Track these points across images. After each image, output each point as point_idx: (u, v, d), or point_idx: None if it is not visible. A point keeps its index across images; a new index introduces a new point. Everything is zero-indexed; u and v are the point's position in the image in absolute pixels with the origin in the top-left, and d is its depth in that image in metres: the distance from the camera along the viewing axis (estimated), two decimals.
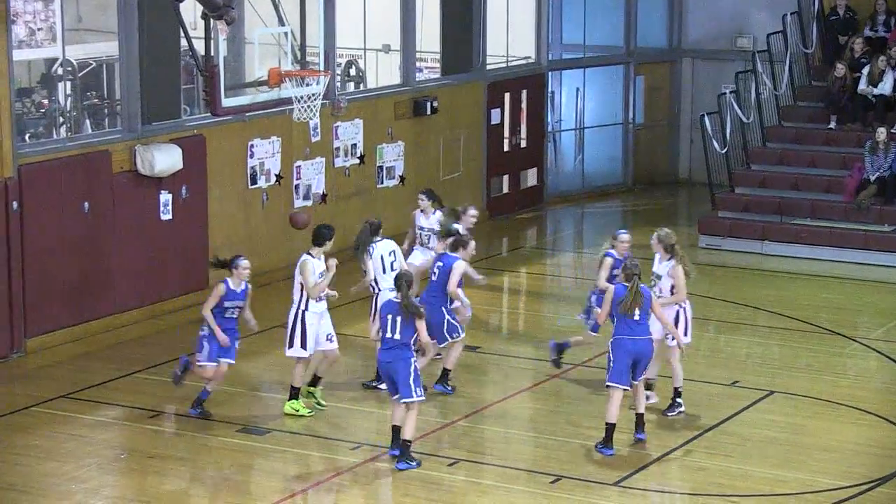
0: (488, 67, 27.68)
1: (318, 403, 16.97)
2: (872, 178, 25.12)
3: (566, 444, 16.02)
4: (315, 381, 17.05)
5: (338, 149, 24.00)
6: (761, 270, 24.16)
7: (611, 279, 17.05)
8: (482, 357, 19.27)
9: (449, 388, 17.55)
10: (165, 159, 20.43)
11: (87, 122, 21.16)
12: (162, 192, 20.73)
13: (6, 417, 16.81)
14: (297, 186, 23.23)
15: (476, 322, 20.62)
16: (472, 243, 17.66)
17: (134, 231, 20.38)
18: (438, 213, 19.71)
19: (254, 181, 22.43)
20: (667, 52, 31.23)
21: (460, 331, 17.47)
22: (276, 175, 22.77)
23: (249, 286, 16.68)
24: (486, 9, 27.11)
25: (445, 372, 17.62)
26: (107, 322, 20.02)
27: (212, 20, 19.07)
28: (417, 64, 26.07)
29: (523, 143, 28.70)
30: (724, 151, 26.71)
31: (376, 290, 17.37)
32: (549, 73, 29.28)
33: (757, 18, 29.66)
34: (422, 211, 20.00)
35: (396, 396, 15.16)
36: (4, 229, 18.63)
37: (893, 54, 26.59)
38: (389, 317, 15.18)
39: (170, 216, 20.91)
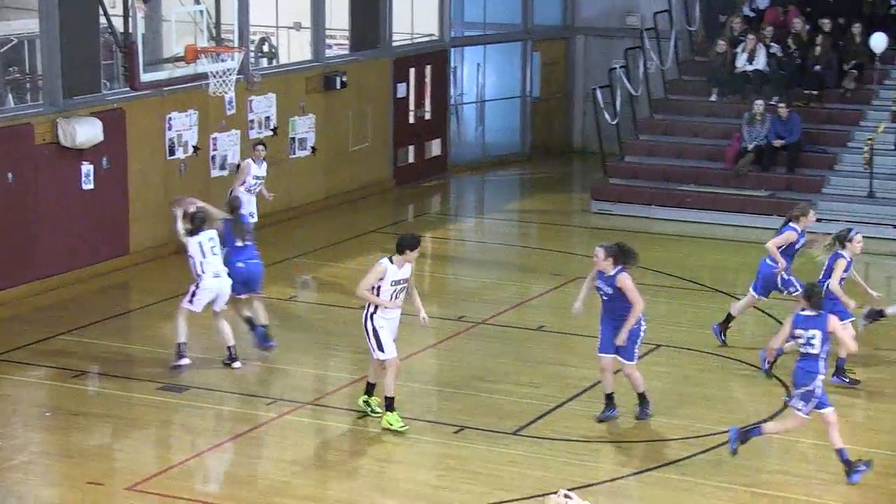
0: (394, 44, 27.57)
1: (373, 411, 15.16)
2: (750, 146, 25.32)
3: (468, 396, 16.02)
4: (370, 388, 15.30)
5: (252, 121, 23.80)
6: (649, 233, 24.27)
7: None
8: None
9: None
10: (86, 132, 20.14)
11: (10, 96, 20.82)
12: (83, 163, 20.45)
13: None
14: (213, 157, 23.00)
15: None
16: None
17: (57, 200, 20.10)
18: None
19: (172, 152, 22.18)
20: (561, 29, 31.27)
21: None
22: (193, 146, 22.52)
23: None
24: None
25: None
26: (32, 287, 19.73)
27: None
28: (327, 41, 25.91)
29: (427, 116, 28.64)
30: (614, 122, 26.80)
31: (201, 275, 16.57)
32: (452, 50, 29.23)
33: None
34: (253, 160, 20.44)
35: None
36: None
37: (766, 33, 26.80)
38: None
39: (91, 186, 20.63)
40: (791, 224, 17.38)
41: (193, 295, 16.60)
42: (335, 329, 18.69)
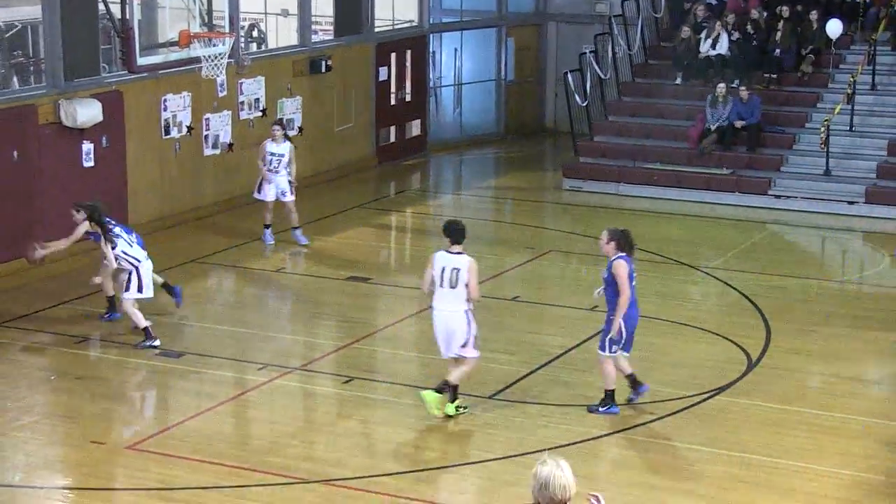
0: (376, 30, 27.60)
1: (464, 408, 14.41)
2: (713, 127, 25.45)
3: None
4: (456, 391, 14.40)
5: (242, 103, 23.85)
6: (618, 209, 24.39)
7: None
8: (373, 287, 19.34)
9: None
10: (87, 112, 20.17)
11: (15, 78, 20.83)
12: (84, 142, 20.49)
13: None
14: (206, 137, 23.07)
15: (368, 256, 20.72)
16: None
17: (59, 177, 20.13)
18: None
19: (167, 132, 22.23)
20: (534, 16, 31.33)
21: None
22: (187, 126, 22.58)
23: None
24: None
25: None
26: None
27: None
28: (313, 27, 25.92)
29: (408, 98, 28.69)
30: (584, 104, 26.88)
31: (140, 260, 16.53)
32: (431, 35, 29.27)
33: None
34: (273, 140, 20.73)
35: None
36: None
37: (729, 20, 26.93)
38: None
39: (92, 163, 20.68)
40: None
41: (140, 281, 16.48)
42: (322, 298, 18.81)
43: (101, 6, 20.03)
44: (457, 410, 14.23)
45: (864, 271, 21.38)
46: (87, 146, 20.53)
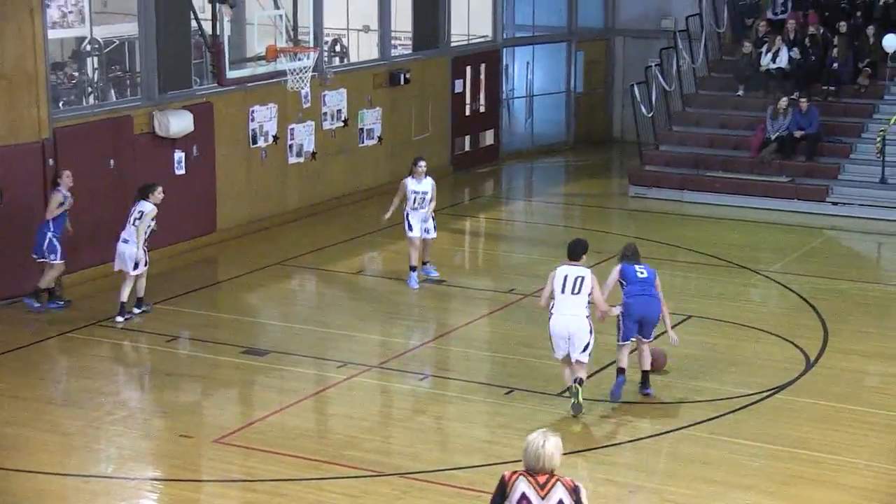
0: (452, 44, 27.51)
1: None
2: (773, 137, 25.12)
3: (519, 361, 16.01)
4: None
5: (325, 114, 23.82)
6: (681, 215, 24.17)
7: None
8: (448, 289, 19.20)
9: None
10: (179, 123, 20.23)
11: (112, 91, 20.94)
12: (176, 150, 20.54)
13: (45, 342, 16.69)
14: (290, 146, 23.05)
15: (442, 259, 20.59)
16: None
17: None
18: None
19: (254, 141, 22.25)
20: (602, 31, 31.09)
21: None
22: (273, 136, 22.58)
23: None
24: None
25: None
26: None
27: (217, 4, 18.88)
28: (392, 41, 25.88)
29: (482, 109, 28.56)
30: (650, 115, 26.65)
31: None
32: (504, 49, 29.13)
33: (678, 2, 29.53)
34: (414, 176, 19.01)
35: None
36: (42, 182, 18.42)
37: (788, 34, 26.56)
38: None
39: (183, 171, 20.72)
40: None
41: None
42: (399, 300, 18.71)
43: (194, 23, 20.09)
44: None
45: None
46: (179, 154, 20.58)
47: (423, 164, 19.00)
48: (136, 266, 17.27)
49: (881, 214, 23.68)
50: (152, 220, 17.33)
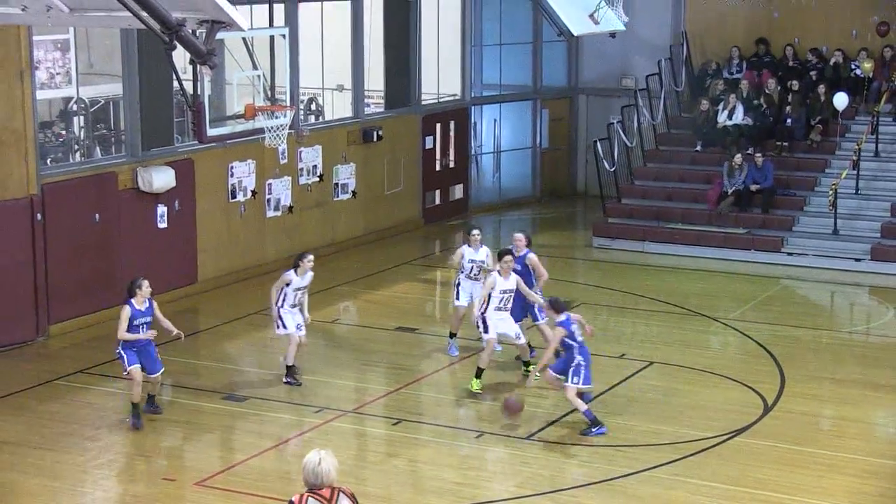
0: (423, 103, 27.70)
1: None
2: (730, 190, 25.36)
3: (487, 405, 16.10)
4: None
5: (301, 169, 23.96)
6: (643, 265, 24.31)
7: None
8: (420, 337, 19.30)
9: None
10: (161, 178, 20.34)
11: (98, 148, 21.03)
12: (159, 205, 20.64)
13: (33, 389, 16.71)
14: (268, 200, 23.17)
15: (415, 309, 20.68)
16: None
17: (136, 237, 20.26)
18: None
19: (233, 196, 22.36)
20: (566, 89, 31.37)
21: None
22: (251, 191, 22.70)
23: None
24: (421, 56, 27.15)
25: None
26: (115, 311, 19.50)
27: (198, 65, 18.97)
28: (365, 100, 26.07)
29: (451, 164, 28.72)
30: (612, 170, 26.86)
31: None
32: (472, 107, 29.34)
33: (638, 62, 29.81)
34: (470, 245, 18.27)
35: None
36: (30, 236, 18.50)
37: (743, 93, 26.87)
38: None
39: (165, 224, 20.81)
40: None
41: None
42: (372, 347, 18.80)
43: (175, 83, 20.19)
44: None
45: (870, 323, 21.17)
46: (162, 209, 20.68)
47: (477, 232, 18.28)
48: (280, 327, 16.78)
49: (834, 264, 23.91)
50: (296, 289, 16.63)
